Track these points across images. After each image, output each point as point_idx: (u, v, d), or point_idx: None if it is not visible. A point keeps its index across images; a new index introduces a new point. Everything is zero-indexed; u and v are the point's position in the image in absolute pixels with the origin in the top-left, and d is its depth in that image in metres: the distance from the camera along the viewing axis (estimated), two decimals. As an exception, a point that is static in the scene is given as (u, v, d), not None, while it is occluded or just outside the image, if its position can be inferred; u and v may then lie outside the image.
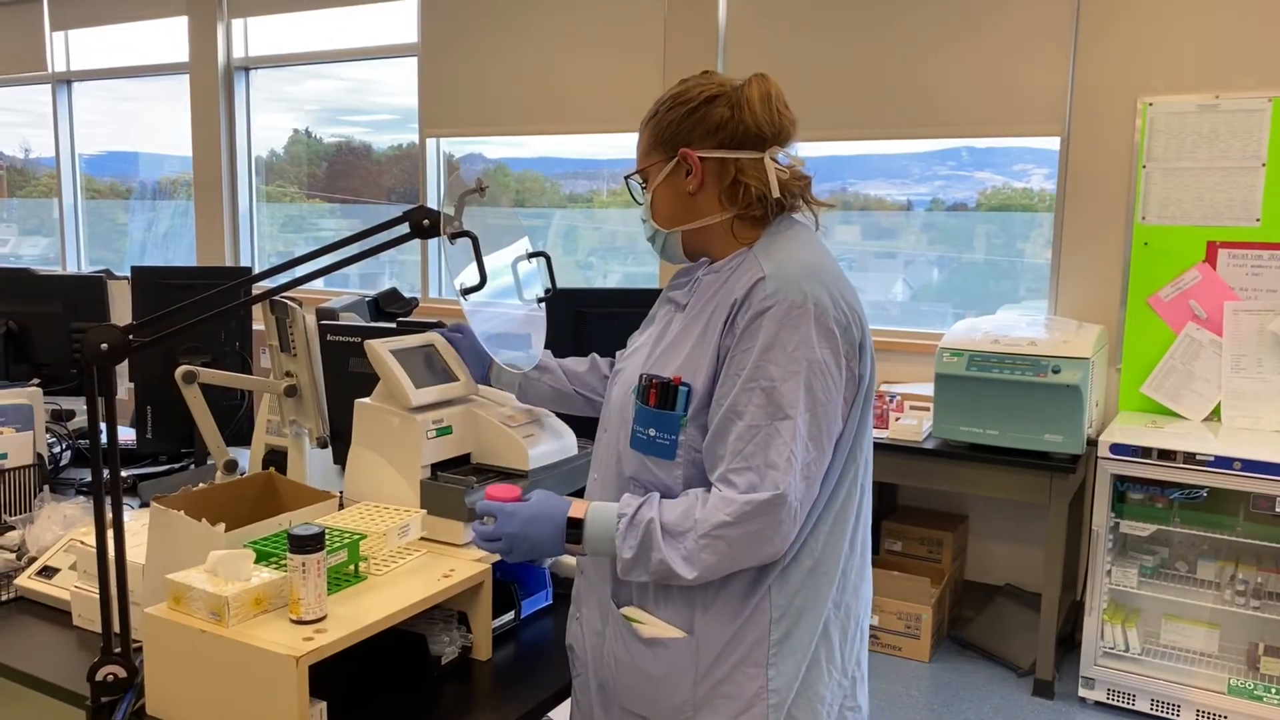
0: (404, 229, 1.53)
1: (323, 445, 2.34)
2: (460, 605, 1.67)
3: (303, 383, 2.33)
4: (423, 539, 1.73)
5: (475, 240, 1.45)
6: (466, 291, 1.46)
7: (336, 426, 2.34)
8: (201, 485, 1.76)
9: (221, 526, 1.56)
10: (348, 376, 2.29)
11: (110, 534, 1.45)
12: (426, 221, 1.51)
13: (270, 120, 6.08)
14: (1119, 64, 3.75)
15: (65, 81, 6.78)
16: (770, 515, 1.27)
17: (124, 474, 2.61)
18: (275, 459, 2.45)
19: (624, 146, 4.95)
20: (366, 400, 1.85)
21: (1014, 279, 4.23)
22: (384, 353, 1.79)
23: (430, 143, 5.34)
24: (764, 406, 1.27)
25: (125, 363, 2.96)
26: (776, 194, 1.39)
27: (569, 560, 1.95)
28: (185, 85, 6.04)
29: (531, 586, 1.88)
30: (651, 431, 1.39)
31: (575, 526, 1.38)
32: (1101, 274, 3.82)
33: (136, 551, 1.68)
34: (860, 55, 4.21)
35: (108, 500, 1.45)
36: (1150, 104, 3.67)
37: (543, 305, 1.67)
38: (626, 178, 1.50)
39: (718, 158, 1.39)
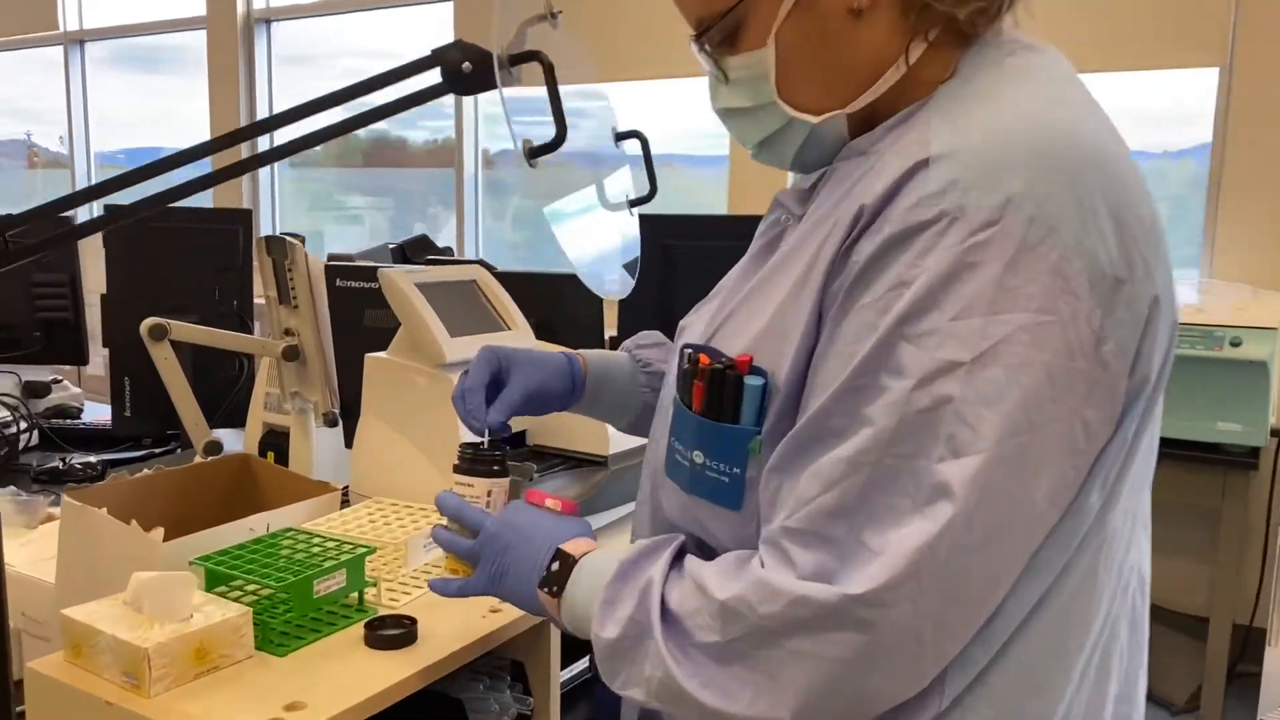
0: (433, 77, 0.99)
1: (331, 423, 1.83)
2: (514, 652, 1.13)
3: (306, 342, 1.82)
4: (460, 553, 1.20)
5: (548, 66, 0.91)
6: (535, 153, 0.91)
7: (349, 399, 1.82)
8: (145, 471, 1.23)
9: (159, 533, 1.04)
10: (363, 333, 1.76)
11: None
12: (467, 65, 0.97)
13: (295, 85, 5.63)
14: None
15: (78, 41, 6.35)
16: (850, 634, 0.65)
17: (93, 459, 2.12)
18: (275, 441, 1.97)
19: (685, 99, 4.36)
20: (381, 354, 1.32)
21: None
22: (407, 287, 1.26)
23: (467, 99, 4.83)
24: (887, 428, 0.65)
25: (99, 326, 2.48)
26: None
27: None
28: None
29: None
30: (698, 457, 0.77)
31: (563, 566, 0.83)
32: (1271, 230, 3.26)
33: (48, 566, 1.17)
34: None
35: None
36: (1326, 29, 3.09)
37: (636, 214, 1.13)
38: (699, 36, 0.78)
39: None
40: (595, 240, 1.10)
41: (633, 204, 1.10)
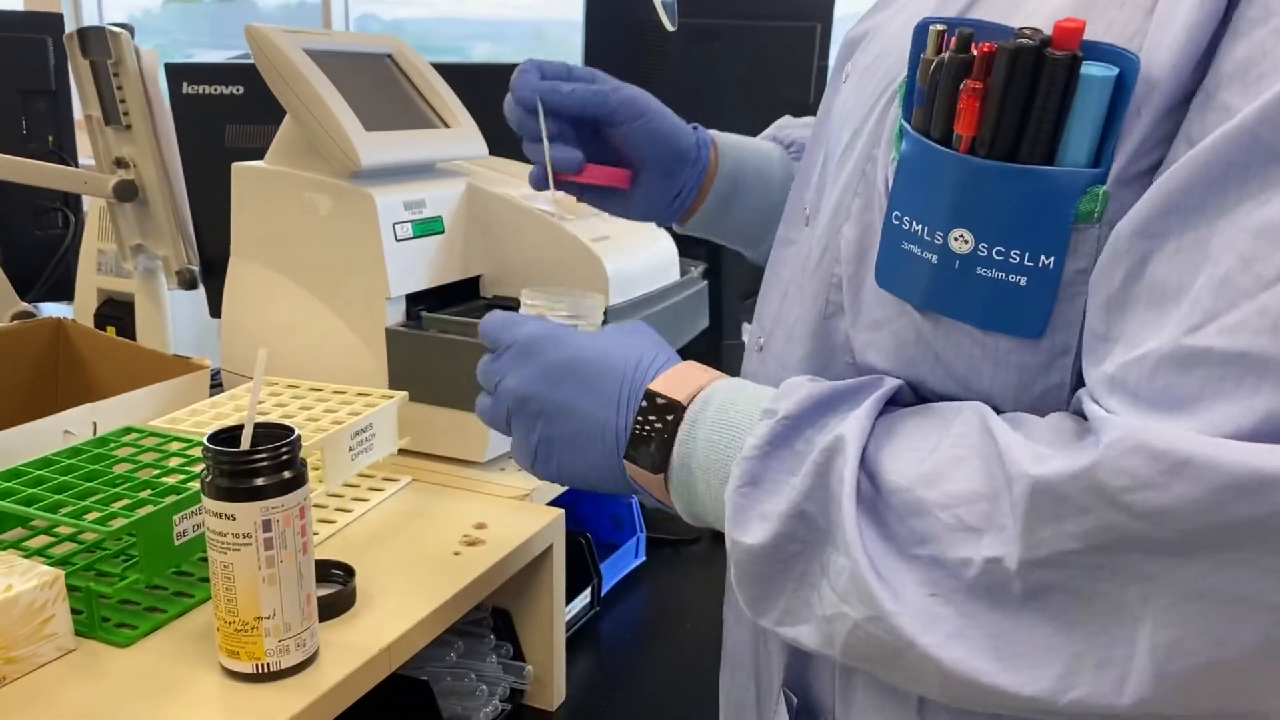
0: None
1: (188, 284, 1.39)
2: (501, 599, 0.76)
3: (146, 176, 1.37)
4: (401, 454, 0.80)
5: None
6: None
7: (213, 251, 1.37)
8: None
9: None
10: (225, 158, 1.30)
11: None
12: None
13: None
14: None
15: None
16: None
17: None
18: (116, 314, 1.55)
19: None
20: (257, 163, 0.89)
21: None
22: (295, 54, 0.82)
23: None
24: None
25: None
26: None
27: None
28: None
29: (609, 532, 0.97)
30: (961, 241, 0.39)
31: (661, 413, 0.47)
32: None
33: None
34: None
35: None
36: None
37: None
38: None
39: None
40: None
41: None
